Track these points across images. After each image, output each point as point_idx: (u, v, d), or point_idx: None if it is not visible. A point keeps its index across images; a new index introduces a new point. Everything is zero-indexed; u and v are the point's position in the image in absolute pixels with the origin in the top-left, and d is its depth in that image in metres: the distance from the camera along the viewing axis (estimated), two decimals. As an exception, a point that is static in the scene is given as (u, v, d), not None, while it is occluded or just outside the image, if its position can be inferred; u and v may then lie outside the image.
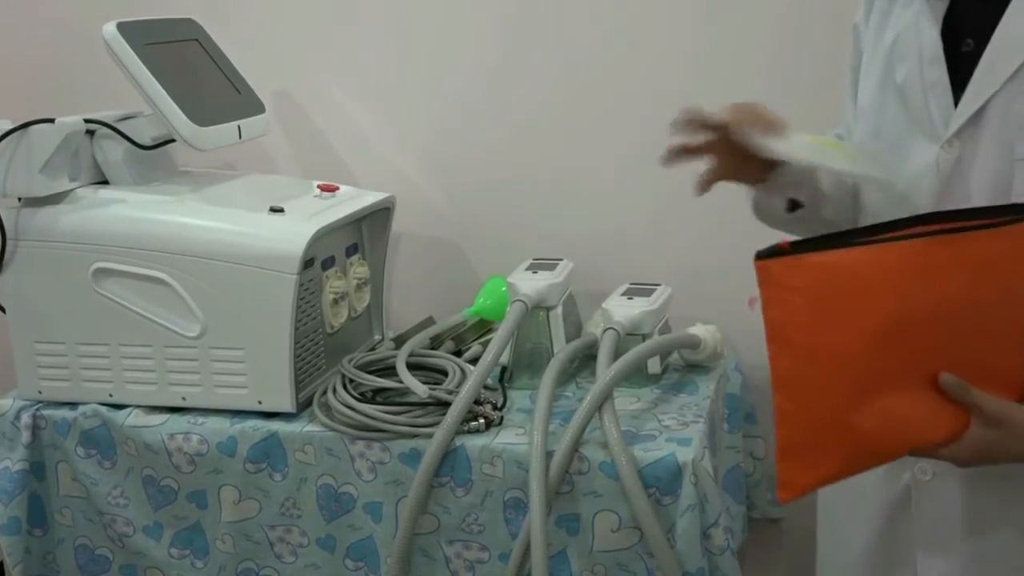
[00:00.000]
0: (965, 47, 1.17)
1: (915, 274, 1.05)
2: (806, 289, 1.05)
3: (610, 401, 1.56)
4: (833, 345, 1.05)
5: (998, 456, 1.10)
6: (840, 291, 1.05)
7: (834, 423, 1.06)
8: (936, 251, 1.05)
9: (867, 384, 1.06)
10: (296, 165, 2.14)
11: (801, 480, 1.09)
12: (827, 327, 1.05)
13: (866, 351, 1.05)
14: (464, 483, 1.57)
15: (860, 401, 1.06)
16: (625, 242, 2.01)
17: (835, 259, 1.05)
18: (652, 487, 1.50)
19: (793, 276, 1.05)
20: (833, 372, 1.05)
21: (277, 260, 1.62)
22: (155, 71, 1.71)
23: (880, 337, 1.04)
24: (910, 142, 1.21)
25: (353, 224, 1.86)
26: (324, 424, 1.63)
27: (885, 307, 1.04)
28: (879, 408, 1.06)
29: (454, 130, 2.05)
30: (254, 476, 1.65)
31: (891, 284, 1.04)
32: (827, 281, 1.05)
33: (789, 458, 1.08)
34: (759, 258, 1.06)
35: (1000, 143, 1.14)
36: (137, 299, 1.69)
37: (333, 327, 1.80)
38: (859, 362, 1.05)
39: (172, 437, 1.67)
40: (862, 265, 1.05)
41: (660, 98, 1.94)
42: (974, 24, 1.16)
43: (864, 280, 1.05)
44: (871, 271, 1.05)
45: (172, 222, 1.68)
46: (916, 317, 1.05)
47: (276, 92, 2.09)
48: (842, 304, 1.05)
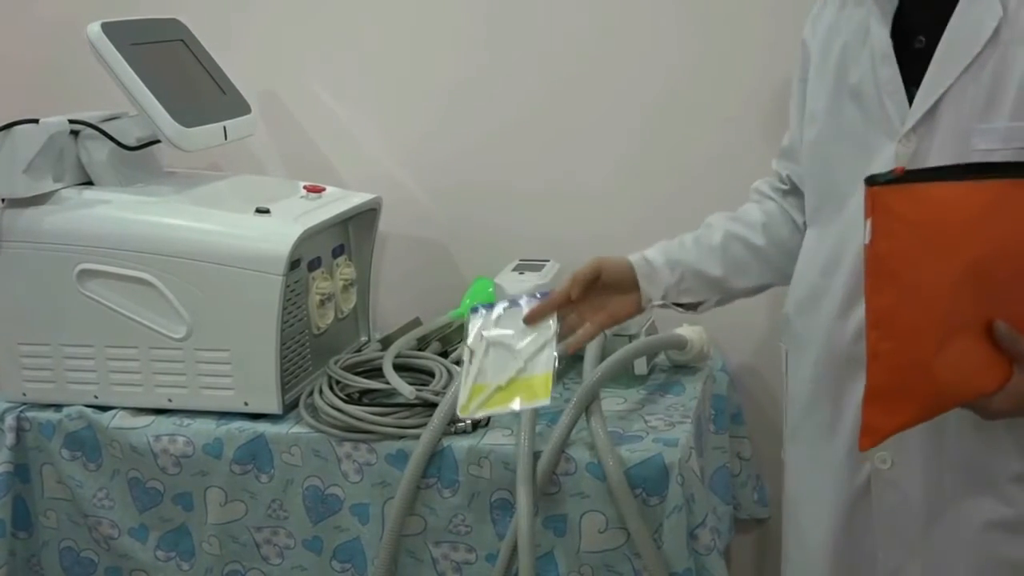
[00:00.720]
0: (917, 44, 1.19)
1: (998, 214, 1.03)
2: (916, 221, 1.02)
3: (597, 402, 1.56)
4: (930, 282, 1.02)
5: None
6: (944, 225, 1.02)
7: (921, 367, 1.03)
8: (1015, 193, 1.03)
9: (948, 326, 1.03)
10: (282, 166, 2.13)
11: (885, 425, 1.07)
12: (925, 264, 1.02)
13: (951, 290, 1.02)
14: (451, 484, 1.57)
15: (943, 344, 1.04)
16: (611, 243, 1.95)
17: (945, 192, 1.03)
18: (639, 488, 1.50)
19: (906, 206, 1.02)
20: (926, 312, 1.02)
21: (263, 261, 1.62)
22: (140, 71, 1.70)
23: (963, 275, 1.02)
24: (869, 141, 1.22)
25: (339, 225, 1.86)
26: (310, 425, 1.63)
27: (974, 245, 1.03)
28: (953, 352, 1.04)
29: (441, 131, 2.05)
30: (240, 478, 1.65)
31: (981, 222, 1.03)
32: (936, 214, 1.02)
33: (878, 401, 1.05)
34: (871, 184, 1.02)
35: (956, 136, 1.16)
36: (122, 300, 1.68)
37: (319, 328, 1.79)
38: (945, 301, 1.02)
39: (158, 439, 1.66)
40: (963, 199, 1.02)
41: (646, 101, 1.96)
42: (924, 21, 1.19)
43: (963, 215, 1.02)
44: (968, 206, 1.02)
45: (157, 223, 1.68)
46: (991, 258, 1.03)
47: (262, 92, 2.08)
48: (944, 239, 1.02)
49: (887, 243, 1.03)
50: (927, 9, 1.19)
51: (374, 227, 1.92)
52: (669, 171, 1.97)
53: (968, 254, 1.02)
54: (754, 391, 1.97)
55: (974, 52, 1.14)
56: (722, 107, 1.91)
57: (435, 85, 2.04)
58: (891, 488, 1.25)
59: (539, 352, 1.25)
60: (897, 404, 1.06)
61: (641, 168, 1.98)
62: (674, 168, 1.96)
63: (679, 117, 1.93)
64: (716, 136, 1.92)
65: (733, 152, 1.91)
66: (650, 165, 1.96)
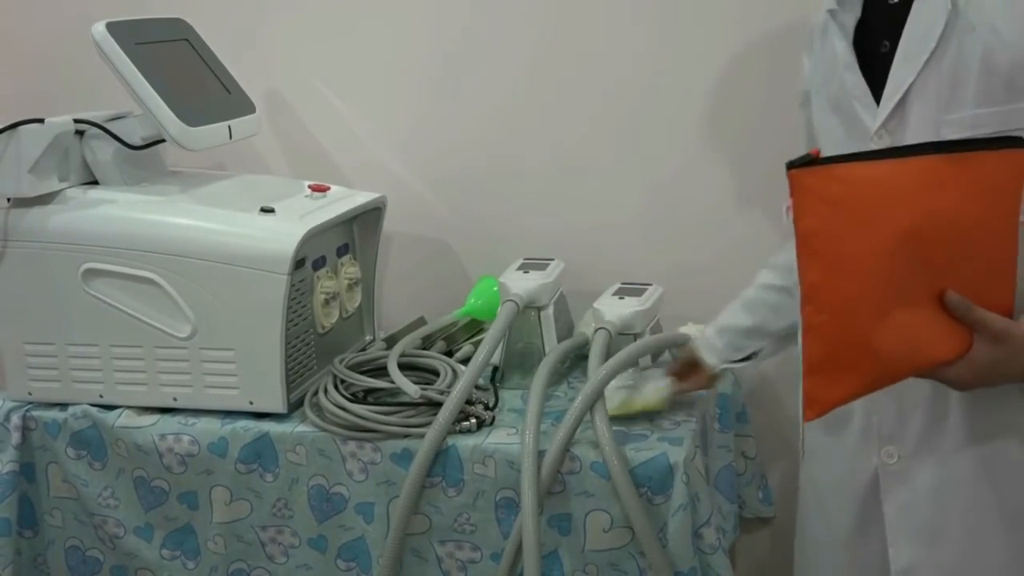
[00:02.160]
0: (883, 49, 1.24)
1: (928, 189, 1.08)
2: (836, 198, 1.07)
3: (601, 401, 1.56)
4: (859, 256, 1.07)
5: (1001, 373, 1.13)
6: (866, 202, 1.07)
7: (860, 337, 1.07)
8: (945, 168, 1.08)
9: (886, 297, 1.07)
10: (287, 165, 2.13)
11: (827, 396, 1.10)
12: (853, 238, 1.07)
13: (885, 262, 1.07)
14: (456, 483, 1.57)
15: (881, 315, 1.07)
16: (616, 242, 2.01)
17: (863, 171, 1.08)
18: (643, 486, 1.50)
19: (825, 186, 1.07)
20: (859, 284, 1.07)
21: (268, 260, 1.62)
22: (145, 71, 1.70)
23: (897, 247, 1.07)
24: (848, 144, 1.26)
25: (344, 224, 1.86)
26: (315, 424, 1.63)
27: (903, 218, 1.07)
28: (895, 323, 1.08)
29: (445, 130, 2.05)
30: (245, 477, 1.65)
31: (908, 197, 1.08)
32: (855, 191, 1.07)
33: (816, 373, 1.09)
34: (792, 167, 1.08)
35: (926, 129, 1.19)
36: (127, 300, 1.69)
37: (324, 327, 1.80)
38: (880, 273, 1.07)
39: (163, 438, 1.67)
40: (885, 177, 1.08)
41: (653, 99, 1.95)
42: (886, 27, 1.24)
43: (887, 191, 1.07)
44: (893, 183, 1.08)
45: (162, 222, 1.68)
46: (928, 231, 1.07)
47: (266, 92, 2.08)
48: (867, 215, 1.07)
49: (810, 222, 1.08)
50: (887, 16, 1.24)
51: (379, 226, 1.92)
52: (672, 171, 1.97)
53: (897, 227, 1.07)
54: (759, 390, 1.96)
55: (930, 47, 1.18)
56: (733, 102, 1.90)
57: (441, 85, 2.04)
58: (899, 482, 1.26)
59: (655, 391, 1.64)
60: (838, 375, 1.09)
61: (645, 167, 1.98)
62: (683, 166, 1.95)
63: (690, 113, 1.92)
64: (730, 133, 1.91)
65: (746, 151, 1.90)
66: (659, 163, 1.96)
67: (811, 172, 1.08)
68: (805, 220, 1.08)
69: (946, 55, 1.18)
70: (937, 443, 1.23)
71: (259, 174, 2.04)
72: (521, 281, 1.79)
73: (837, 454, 1.32)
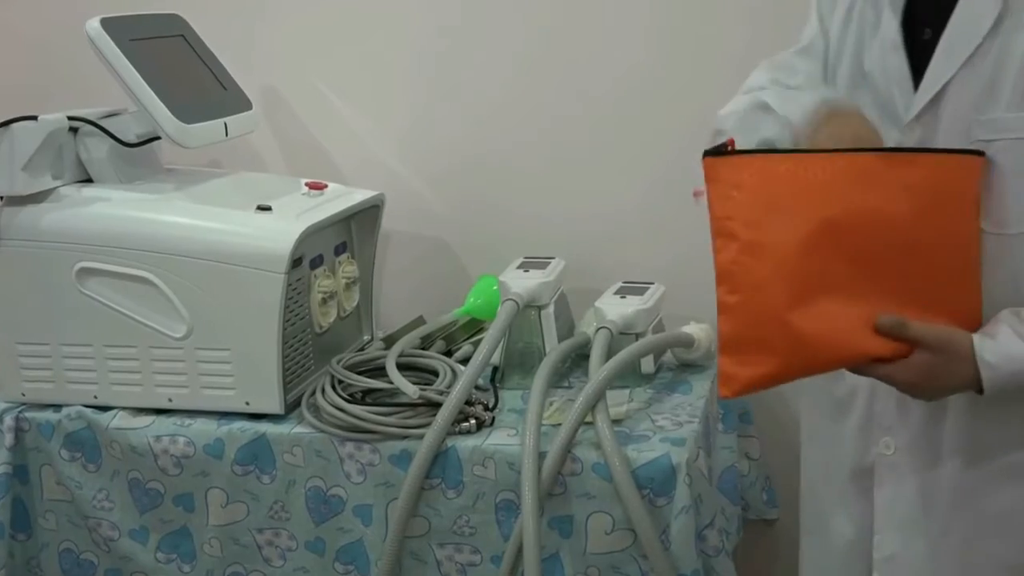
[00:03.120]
0: (924, 36, 1.22)
1: (857, 183, 1.11)
2: (750, 186, 1.12)
3: (603, 401, 1.56)
4: (773, 242, 1.11)
5: (945, 379, 1.15)
6: (783, 190, 1.11)
7: (773, 319, 1.11)
8: (881, 166, 1.12)
9: (806, 284, 1.11)
10: (284, 163, 2.13)
11: (742, 375, 1.13)
12: (768, 224, 1.11)
13: (804, 250, 1.10)
14: (455, 485, 1.56)
15: (799, 301, 1.10)
16: (618, 240, 2.00)
17: (780, 162, 1.13)
18: (646, 488, 1.50)
19: (738, 174, 1.12)
20: (773, 268, 1.11)
21: (264, 259, 1.62)
22: (140, 67, 1.70)
23: (818, 237, 1.10)
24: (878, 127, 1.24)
25: (342, 222, 1.85)
26: (313, 426, 1.63)
27: (824, 209, 1.10)
28: (819, 311, 1.11)
29: (444, 127, 2.05)
30: (242, 479, 1.64)
31: (832, 188, 1.11)
32: (770, 180, 1.12)
33: (729, 352, 1.13)
34: (707, 155, 1.12)
35: (957, 127, 1.18)
36: (122, 299, 1.68)
37: (322, 327, 1.79)
38: (798, 260, 1.10)
39: (158, 439, 1.66)
40: (806, 169, 1.12)
41: (655, 92, 1.94)
42: (931, 14, 1.21)
43: (806, 182, 1.11)
44: (814, 175, 1.11)
45: (157, 221, 1.68)
46: (856, 224, 1.11)
47: (263, 88, 2.08)
48: (784, 203, 1.11)
49: (722, 207, 1.13)
50: (934, 2, 1.21)
51: (377, 224, 1.92)
52: (674, 168, 1.94)
53: (819, 215, 1.10)
54: (764, 392, 1.94)
55: (975, 43, 1.17)
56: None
57: (440, 81, 2.03)
58: (892, 473, 1.27)
59: None
60: (752, 355, 1.12)
61: (647, 165, 1.97)
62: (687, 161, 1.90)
63: (694, 106, 1.87)
64: None
65: None
66: (661, 158, 1.94)
67: (725, 161, 1.12)
68: (718, 204, 1.13)
69: (989, 53, 1.16)
70: (934, 439, 1.24)
71: (256, 172, 2.04)
72: (521, 280, 1.79)
73: (837, 441, 1.33)
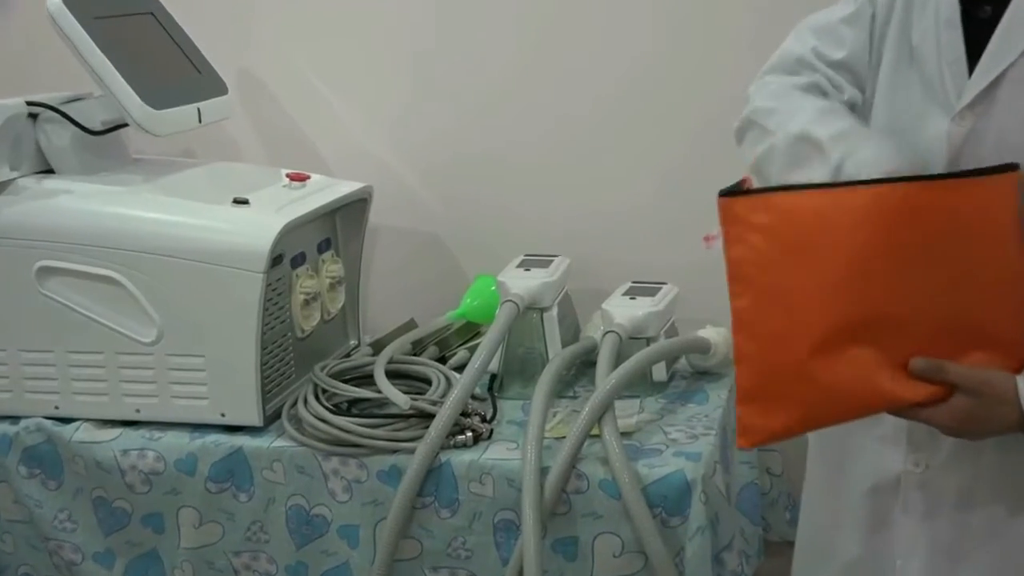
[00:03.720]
0: (983, 13, 1.20)
1: (886, 219, 1.11)
2: (769, 228, 1.12)
3: (611, 412, 1.57)
4: (795, 288, 1.11)
5: (986, 422, 1.16)
6: (806, 230, 1.11)
7: (794, 369, 1.12)
8: (912, 196, 1.11)
9: (832, 332, 1.11)
10: (262, 152, 2.14)
11: (762, 426, 1.15)
12: (789, 269, 1.11)
13: (830, 296, 1.11)
14: (450, 503, 1.57)
15: (824, 349, 1.11)
16: (627, 236, 2.01)
17: (802, 200, 1.12)
18: (658, 507, 1.51)
19: (756, 215, 1.12)
20: (794, 316, 1.11)
21: (241, 257, 1.63)
22: (105, 48, 1.71)
23: (845, 279, 1.10)
24: (924, 109, 1.24)
25: (326, 217, 1.86)
26: (294, 439, 1.64)
27: (853, 249, 1.10)
28: (846, 358, 1.12)
29: (439, 114, 2.05)
30: (216, 497, 1.65)
31: (859, 228, 1.11)
32: (792, 221, 1.12)
33: (749, 402, 1.15)
34: (723, 195, 1.13)
35: (1014, 117, 1.17)
36: (86, 301, 1.69)
37: (304, 331, 1.80)
38: (822, 307, 1.11)
39: (125, 454, 1.67)
40: (830, 207, 1.11)
41: (667, 78, 1.95)
42: None
43: (831, 222, 1.11)
44: (839, 214, 1.11)
45: (124, 215, 1.68)
46: (888, 263, 1.11)
47: (240, 71, 2.08)
48: (807, 244, 1.11)
49: (739, 250, 1.13)
50: None
51: (364, 219, 1.92)
52: (687, 158, 1.95)
53: (846, 258, 1.10)
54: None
55: None
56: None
57: (435, 63, 2.04)
58: (922, 494, 1.28)
59: None
60: (772, 405, 1.15)
61: (659, 154, 1.98)
62: (701, 151, 1.93)
63: (709, 92, 1.91)
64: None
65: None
66: (674, 148, 1.96)
67: (742, 201, 1.13)
68: (735, 248, 1.13)
69: None
70: (969, 458, 1.25)
71: (232, 162, 2.04)
72: (522, 280, 1.79)
73: (855, 452, 1.33)
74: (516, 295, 1.77)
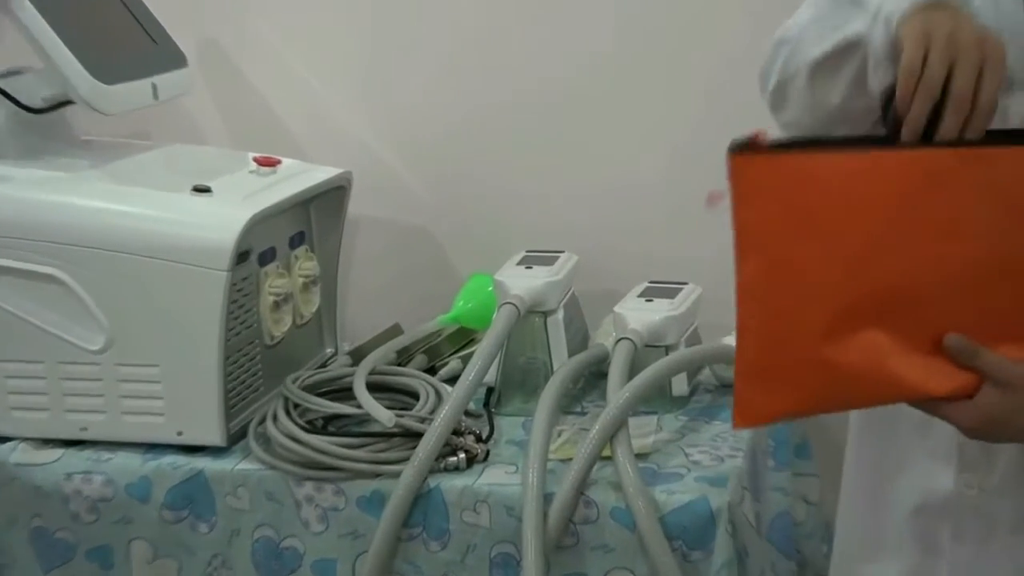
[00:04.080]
0: None
1: (920, 188, 1.10)
2: (784, 191, 1.11)
3: (624, 430, 1.56)
4: (810, 259, 1.11)
5: (1010, 427, 1.14)
6: (825, 195, 1.11)
7: (803, 348, 1.12)
8: (951, 165, 1.10)
9: (848, 311, 1.11)
10: (226, 133, 2.15)
11: (760, 406, 1.15)
12: (805, 238, 1.11)
13: (851, 270, 1.10)
14: (440, 535, 1.57)
15: (838, 329, 1.11)
16: (642, 229, 2.01)
17: (823, 162, 1.11)
18: (677, 539, 1.50)
19: (770, 176, 1.11)
20: (807, 290, 1.11)
21: (202, 253, 1.62)
22: (48, 15, 1.71)
23: (866, 257, 1.10)
24: None
25: (299, 207, 1.86)
26: (262, 461, 1.63)
27: (878, 220, 1.10)
28: (862, 341, 1.11)
29: (427, 90, 2.05)
30: (173, 527, 1.65)
31: (887, 197, 1.10)
32: (810, 183, 1.11)
33: (748, 378, 1.15)
34: (732, 151, 1.11)
35: None
36: (24, 303, 1.69)
37: (274, 338, 1.80)
38: (841, 281, 1.11)
39: (69, 478, 1.66)
40: (855, 172, 1.11)
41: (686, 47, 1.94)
42: None
43: (855, 189, 1.10)
44: (865, 180, 1.10)
45: (68, 205, 1.68)
46: (917, 238, 1.10)
47: (201, 41, 2.09)
48: (826, 211, 1.10)
49: (748, 213, 1.12)
50: None
51: (342, 210, 1.93)
52: (715, 142, 1.94)
53: (869, 230, 1.10)
54: (824, 417, 1.94)
55: None
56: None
57: (421, 32, 2.04)
58: (976, 521, 1.26)
59: None
60: (776, 384, 1.14)
61: (678, 136, 1.98)
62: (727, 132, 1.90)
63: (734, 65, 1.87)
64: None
65: None
66: (695, 128, 1.95)
67: (755, 159, 1.12)
68: (744, 210, 1.12)
69: None
70: None
71: (192, 144, 2.05)
72: (523, 279, 1.79)
73: (899, 466, 1.32)
74: (516, 296, 1.76)
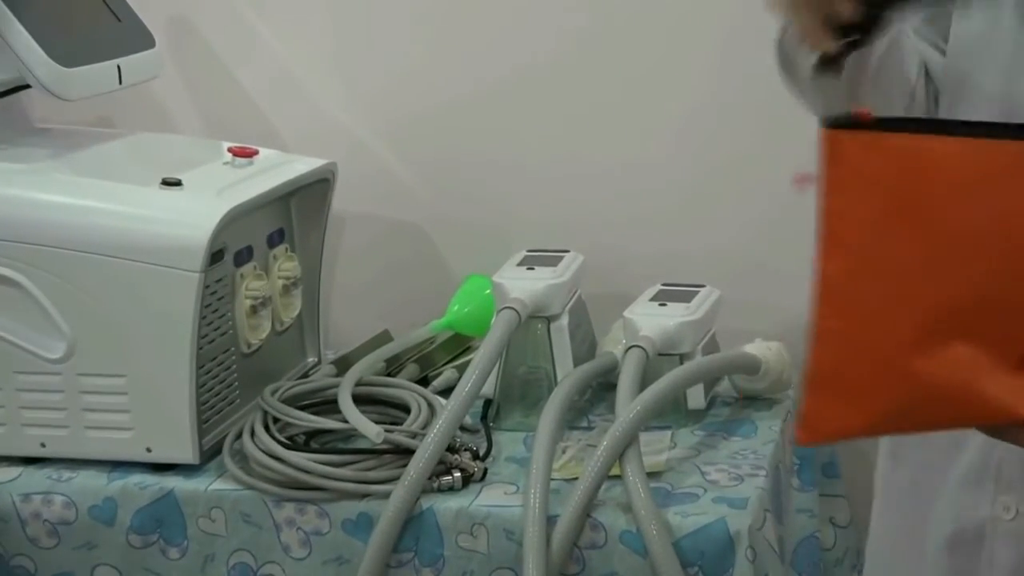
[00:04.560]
0: None
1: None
2: (889, 179, 1.08)
3: (635, 447, 1.56)
4: (908, 258, 1.08)
5: None
6: (934, 189, 1.07)
7: (890, 358, 1.09)
8: None
9: (943, 319, 1.08)
10: (199, 120, 2.15)
11: (832, 420, 1.12)
12: (905, 233, 1.08)
13: (949, 275, 1.08)
14: (433, 561, 1.57)
15: (929, 339, 1.08)
16: (655, 227, 2.02)
17: (930, 146, 1.08)
18: (693, 566, 1.51)
19: (870, 158, 1.08)
20: (901, 292, 1.08)
21: (172, 253, 1.63)
22: None
23: (970, 259, 1.07)
24: None
25: (278, 202, 1.86)
26: (238, 480, 1.64)
27: (986, 221, 1.07)
28: (954, 355, 1.08)
29: (419, 74, 2.06)
30: (141, 552, 1.65)
31: (1005, 194, 1.07)
32: (922, 174, 1.08)
33: (821, 388, 1.11)
34: (828, 126, 1.08)
35: None
36: None
37: (251, 345, 1.80)
38: (937, 287, 1.08)
39: (26, 499, 1.67)
40: (964, 162, 1.07)
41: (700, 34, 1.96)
42: None
43: (970, 182, 1.07)
44: (974, 172, 1.07)
45: (25, 199, 1.69)
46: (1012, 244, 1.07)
47: (170, 19, 2.10)
48: (932, 208, 1.07)
49: (841, 201, 1.09)
50: None
51: (326, 205, 1.93)
52: (733, 134, 1.97)
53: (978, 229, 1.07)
54: (853, 432, 1.96)
55: None
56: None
57: (418, 11, 2.05)
58: (1012, 543, 1.28)
59: None
60: (852, 397, 1.11)
61: (696, 127, 1.99)
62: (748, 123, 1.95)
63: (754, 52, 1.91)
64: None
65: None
66: (712, 117, 1.97)
67: (854, 137, 1.08)
68: (835, 198, 1.09)
69: None
70: None
71: (161, 133, 2.05)
72: (523, 281, 1.80)
73: (931, 493, 1.33)
74: (516, 300, 1.77)
